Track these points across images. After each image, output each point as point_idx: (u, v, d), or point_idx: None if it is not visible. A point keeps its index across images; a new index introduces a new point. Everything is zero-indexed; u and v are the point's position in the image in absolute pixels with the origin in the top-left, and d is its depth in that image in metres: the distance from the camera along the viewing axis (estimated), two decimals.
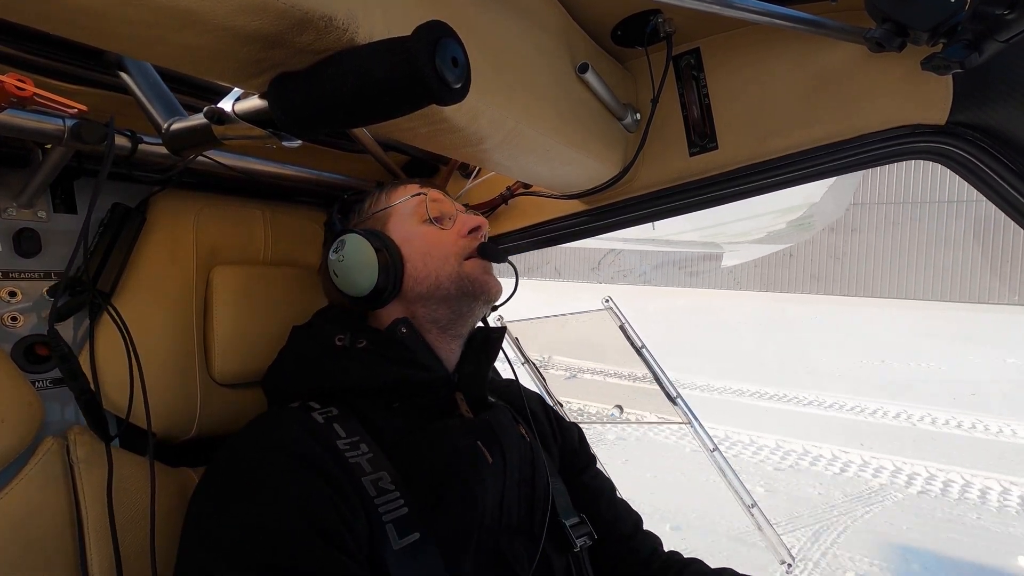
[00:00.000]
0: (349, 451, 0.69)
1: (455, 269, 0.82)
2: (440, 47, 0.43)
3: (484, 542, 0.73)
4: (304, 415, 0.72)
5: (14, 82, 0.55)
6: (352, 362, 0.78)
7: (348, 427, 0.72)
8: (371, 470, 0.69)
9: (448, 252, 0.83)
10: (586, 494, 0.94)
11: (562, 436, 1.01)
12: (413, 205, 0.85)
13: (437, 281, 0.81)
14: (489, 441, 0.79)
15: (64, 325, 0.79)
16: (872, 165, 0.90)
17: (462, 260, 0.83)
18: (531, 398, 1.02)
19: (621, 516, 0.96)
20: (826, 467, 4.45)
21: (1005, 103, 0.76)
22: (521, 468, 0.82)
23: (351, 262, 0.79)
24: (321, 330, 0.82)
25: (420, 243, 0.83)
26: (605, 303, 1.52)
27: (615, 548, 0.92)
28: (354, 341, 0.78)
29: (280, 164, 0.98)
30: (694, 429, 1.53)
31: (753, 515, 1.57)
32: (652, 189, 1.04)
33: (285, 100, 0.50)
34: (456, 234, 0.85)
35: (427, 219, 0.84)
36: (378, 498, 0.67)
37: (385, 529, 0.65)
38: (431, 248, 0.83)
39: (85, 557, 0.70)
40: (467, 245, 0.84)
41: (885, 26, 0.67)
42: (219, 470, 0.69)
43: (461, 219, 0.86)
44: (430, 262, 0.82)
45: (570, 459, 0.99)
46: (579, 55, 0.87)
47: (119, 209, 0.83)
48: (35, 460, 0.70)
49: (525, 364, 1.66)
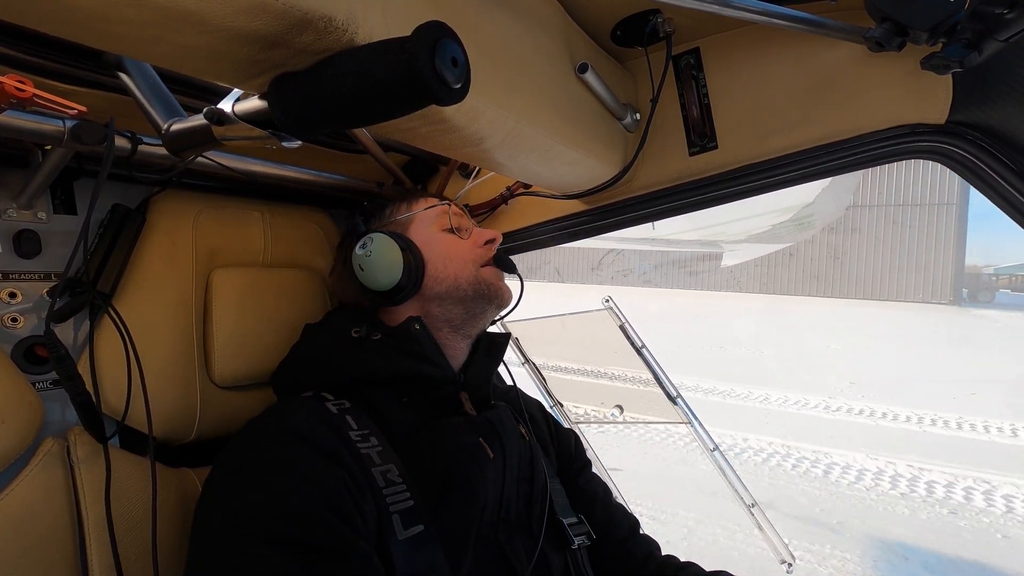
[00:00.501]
0: (360, 442, 0.71)
1: (473, 273, 0.88)
2: (440, 47, 0.43)
3: (484, 536, 0.75)
4: (318, 404, 0.74)
5: (14, 83, 0.55)
6: (367, 353, 0.81)
7: (360, 420, 0.74)
8: (380, 462, 0.71)
9: (467, 258, 0.89)
10: (582, 497, 0.96)
11: (559, 440, 1.03)
12: (435, 214, 0.92)
13: (456, 283, 0.86)
14: (490, 437, 0.81)
15: (64, 326, 0.79)
16: (872, 164, 0.90)
17: (479, 266, 0.89)
18: (530, 403, 1.05)
19: (616, 520, 0.98)
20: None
21: (1005, 102, 0.76)
22: (520, 465, 0.85)
23: (378, 258, 0.83)
24: (337, 324, 0.86)
25: (440, 248, 0.88)
26: (605, 303, 1.51)
27: (611, 551, 0.93)
28: (370, 333, 0.83)
29: (280, 165, 0.98)
30: (694, 429, 1.53)
31: (753, 515, 1.56)
32: (652, 189, 1.04)
33: (285, 101, 0.50)
34: (473, 244, 0.91)
35: (448, 228, 0.91)
36: (386, 488, 0.69)
37: (392, 519, 0.67)
38: (451, 252, 0.88)
39: (85, 557, 0.70)
40: (484, 254, 0.91)
41: (885, 26, 0.67)
42: (236, 452, 0.70)
43: (477, 231, 0.94)
44: (450, 265, 0.87)
45: (566, 463, 1.01)
46: (579, 55, 0.87)
47: (119, 210, 0.82)
48: (35, 461, 0.70)
49: (525, 364, 1.66)
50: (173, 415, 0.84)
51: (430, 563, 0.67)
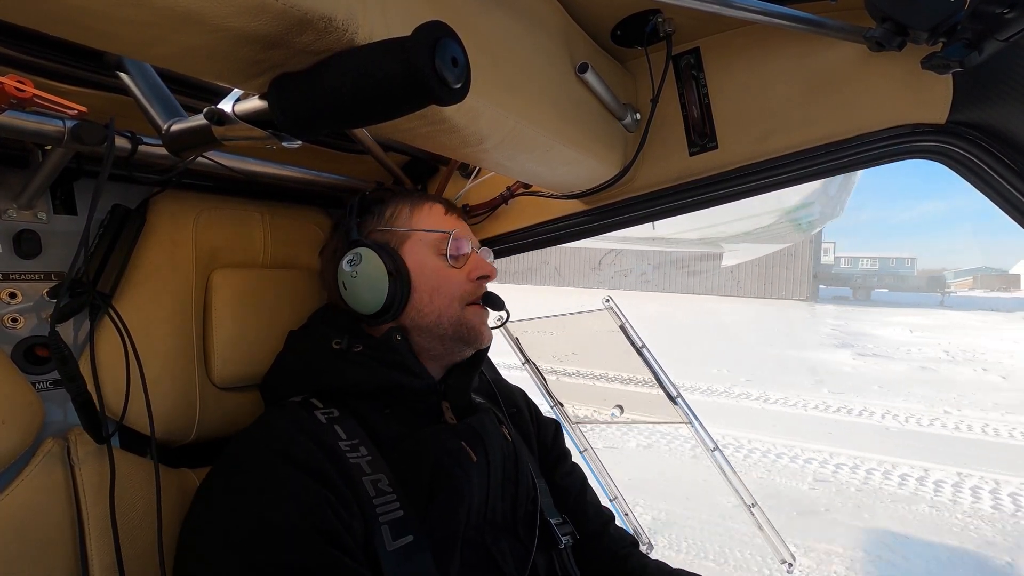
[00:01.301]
0: (350, 452, 0.71)
1: (458, 313, 0.85)
2: (440, 47, 0.43)
3: (471, 539, 0.76)
4: (306, 413, 0.74)
5: (14, 83, 0.55)
6: (348, 364, 0.80)
7: (349, 429, 0.74)
8: (371, 471, 0.71)
9: (455, 294, 0.85)
10: (555, 491, 0.97)
11: (539, 428, 1.03)
12: (435, 239, 0.87)
13: (438, 320, 0.84)
14: (473, 442, 0.82)
15: (64, 327, 0.79)
16: (872, 164, 0.90)
17: (465, 305, 0.86)
18: (512, 392, 1.05)
19: (588, 515, 0.98)
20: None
21: (1005, 102, 0.76)
22: (505, 467, 0.85)
23: (363, 280, 0.81)
24: (318, 333, 0.85)
25: (431, 277, 0.85)
26: (605, 303, 1.51)
27: (582, 545, 0.94)
28: (351, 345, 0.81)
29: (280, 165, 0.98)
30: (694, 429, 1.53)
31: (754, 515, 1.56)
32: (652, 189, 1.04)
33: (285, 101, 0.50)
34: (466, 276, 0.87)
35: (444, 254, 0.86)
36: (377, 498, 0.69)
37: (381, 530, 0.67)
38: (440, 285, 0.85)
39: (86, 557, 0.70)
40: (473, 290, 0.87)
41: (885, 25, 0.67)
42: (222, 473, 0.70)
43: (474, 261, 0.89)
44: (436, 299, 0.84)
45: (543, 452, 1.01)
46: (579, 55, 0.87)
47: (119, 210, 0.82)
48: (36, 461, 0.70)
49: (526, 364, 1.66)
50: (173, 416, 0.84)
51: (419, 573, 0.67)
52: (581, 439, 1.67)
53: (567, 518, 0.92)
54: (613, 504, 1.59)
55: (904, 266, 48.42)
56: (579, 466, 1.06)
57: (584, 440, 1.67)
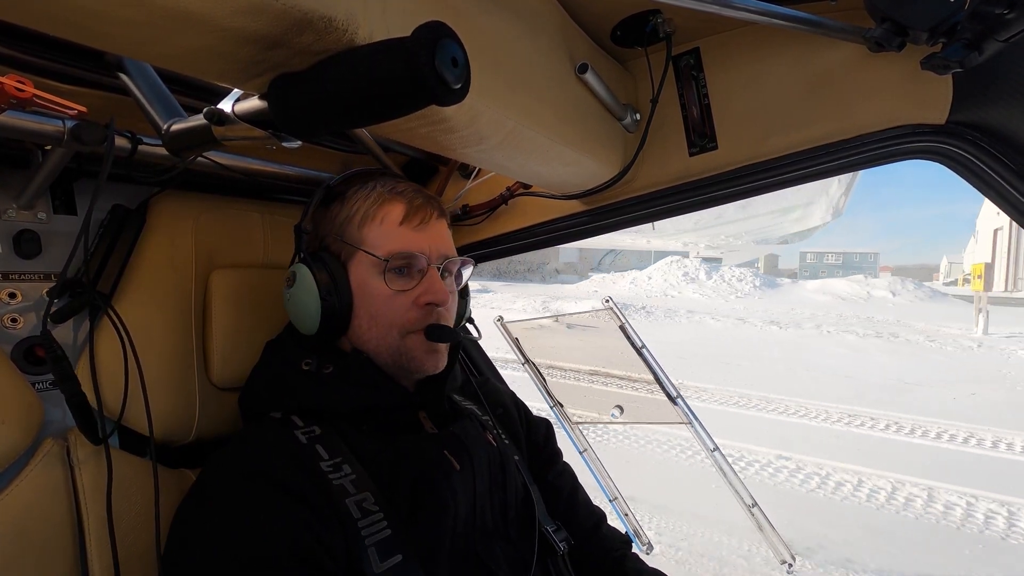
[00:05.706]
0: (332, 473, 0.68)
1: (396, 342, 0.77)
2: (440, 47, 0.43)
3: (459, 548, 0.74)
4: (286, 433, 0.71)
5: (14, 83, 0.55)
6: (320, 387, 0.76)
7: (331, 448, 0.71)
8: (355, 491, 0.68)
9: (393, 322, 0.77)
10: (546, 491, 0.95)
11: (529, 429, 1.01)
12: (375, 263, 0.77)
13: (376, 347, 0.78)
14: (456, 450, 0.79)
15: (64, 327, 0.79)
16: (872, 164, 0.90)
17: (405, 334, 0.78)
18: (500, 393, 1.02)
19: (579, 516, 0.97)
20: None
21: (1005, 103, 0.76)
22: (491, 473, 0.83)
23: (297, 301, 0.76)
24: (289, 351, 0.80)
25: (372, 302, 0.77)
26: (605, 303, 1.51)
27: (576, 546, 0.92)
28: (320, 366, 0.77)
29: (280, 165, 0.98)
30: (694, 429, 1.53)
31: (754, 515, 1.56)
32: (652, 189, 1.04)
33: (285, 101, 0.50)
34: (411, 302, 0.77)
35: (395, 270, 0.77)
36: (362, 519, 0.66)
37: (367, 552, 0.65)
38: (380, 311, 0.77)
39: (85, 558, 0.70)
40: (416, 320, 0.77)
41: (885, 26, 0.67)
42: (200, 496, 0.67)
43: (426, 283, 0.78)
44: (374, 327, 0.77)
45: (534, 452, 1.00)
46: (579, 55, 0.87)
47: (119, 211, 0.82)
48: (35, 461, 0.70)
49: (525, 364, 1.66)
50: (172, 416, 0.84)
51: None
52: (581, 439, 1.66)
53: (560, 523, 0.91)
54: (613, 504, 1.59)
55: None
56: (570, 466, 1.05)
57: (584, 440, 1.67)
